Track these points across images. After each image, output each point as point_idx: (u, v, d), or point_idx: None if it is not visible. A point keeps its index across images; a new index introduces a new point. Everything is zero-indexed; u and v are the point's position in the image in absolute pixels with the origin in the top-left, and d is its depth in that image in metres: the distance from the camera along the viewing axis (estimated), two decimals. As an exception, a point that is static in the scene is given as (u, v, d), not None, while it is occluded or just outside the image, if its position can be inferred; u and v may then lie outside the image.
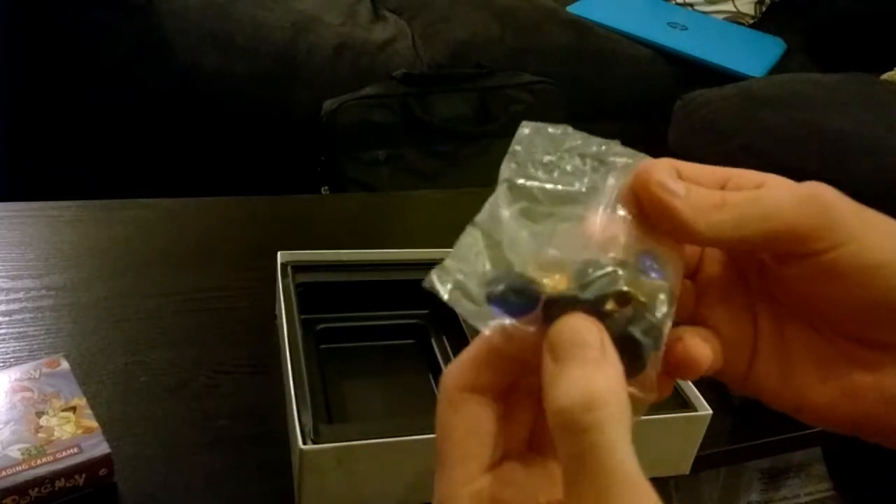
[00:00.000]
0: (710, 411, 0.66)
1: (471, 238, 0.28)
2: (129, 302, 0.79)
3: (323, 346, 0.73)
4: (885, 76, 1.68)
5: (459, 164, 1.63)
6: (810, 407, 0.31)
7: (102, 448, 0.58)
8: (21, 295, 0.77)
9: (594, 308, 0.26)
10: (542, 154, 0.29)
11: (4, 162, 1.45)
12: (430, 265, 0.27)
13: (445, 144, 1.62)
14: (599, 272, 0.26)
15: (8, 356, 0.70)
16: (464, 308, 0.27)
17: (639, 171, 0.28)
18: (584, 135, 0.29)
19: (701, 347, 0.29)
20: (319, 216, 1.05)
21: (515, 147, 0.29)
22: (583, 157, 0.29)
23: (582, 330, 0.25)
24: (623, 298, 0.26)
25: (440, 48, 1.72)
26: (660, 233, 0.28)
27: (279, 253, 0.76)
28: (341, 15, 1.71)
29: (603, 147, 0.29)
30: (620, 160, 0.29)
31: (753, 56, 1.93)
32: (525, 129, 0.29)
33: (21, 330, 0.73)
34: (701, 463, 0.70)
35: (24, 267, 0.82)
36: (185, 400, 0.69)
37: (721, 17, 2.13)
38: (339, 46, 1.62)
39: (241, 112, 1.56)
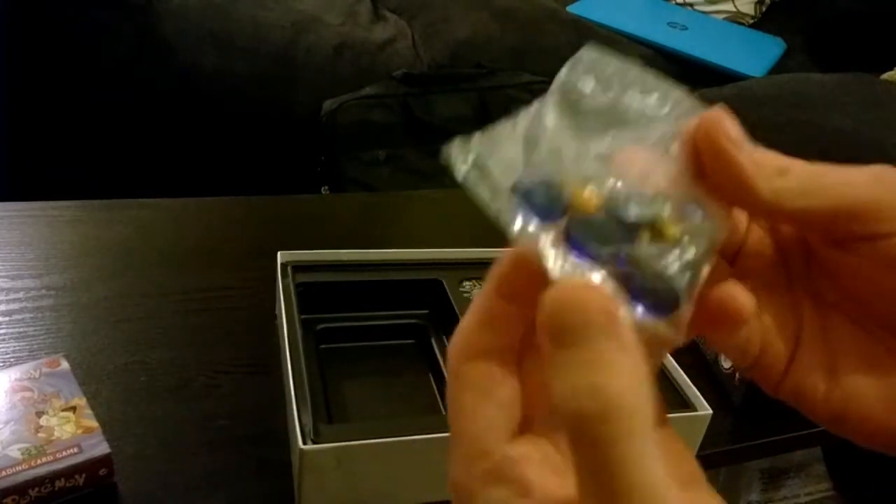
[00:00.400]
0: (710, 411, 0.66)
1: (510, 128, 0.25)
2: (129, 302, 0.79)
3: (323, 346, 0.73)
4: (885, 76, 1.68)
5: (459, 164, 1.63)
6: (858, 414, 0.28)
7: (102, 448, 0.58)
8: (21, 295, 0.77)
9: (624, 235, 0.23)
10: (605, 74, 0.26)
11: (4, 162, 1.45)
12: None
13: (445, 144, 1.62)
14: (637, 198, 0.24)
15: (8, 356, 0.70)
16: (479, 191, 0.24)
17: (705, 116, 0.25)
18: (652, 75, 0.27)
19: (742, 293, 0.26)
20: (319, 216, 1.05)
21: (579, 57, 0.26)
22: (647, 92, 0.26)
23: (590, 308, 0.21)
24: (658, 230, 0.23)
25: (440, 48, 1.72)
26: (712, 189, 0.25)
27: (279, 253, 0.76)
28: (341, 15, 1.71)
29: (670, 92, 0.26)
30: (686, 103, 0.26)
31: (753, 56, 1.93)
32: (588, 52, 0.27)
33: (21, 330, 0.73)
34: (701, 463, 0.70)
35: (24, 267, 0.82)
36: (185, 400, 0.69)
37: (721, 17, 2.13)
38: (339, 46, 1.62)
39: (241, 112, 1.56)
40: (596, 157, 0.24)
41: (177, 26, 1.52)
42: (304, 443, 0.56)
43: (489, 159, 0.24)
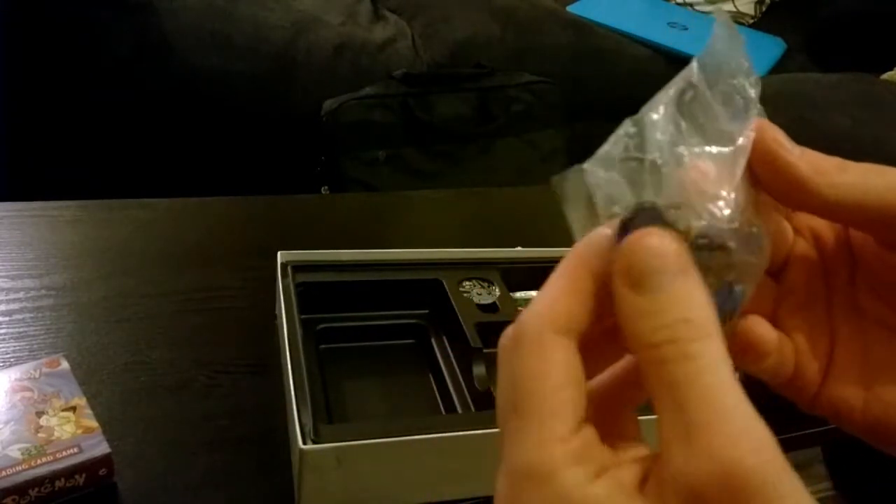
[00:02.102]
0: (710, 411, 0.66)
1: (619, 148, 0.25)
2: (129, 302, 0.79)
3: (323, 346, 0.73)
4: (885, 76, 1.68)
5: (459, 164, 1.63)
6: None
7: (102, 448, 0.58)
8: (21, 295, 0.77)
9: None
10: (726, 74, 0.26)
11: (4, 162, 1.45)
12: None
13: (445, 144, 1.62)
14: (710, 233, 0.24)
15: (8, 356, 0.70)
16: (578, 226, 0.24)
17: (754, 129, 0.26)
18: (752, 76, 0.27)
19: (764, 327, 0.27)
20: (319, 216, 1.05)
21: (715, 48, 0.26)
22: (740, 97, 0.26)
23: (667, 251, 0.22)
24: (719, 270, 0.24)
25: (440, 48, 1.72)
26: (768, 200, 0.26)
27: (279, 253, 0.76)
28: (341, 15, 1.71)
29: (753, 111, 0.27)
30: (754, 117, 0.26)
31: (753, 56, 1.91)
32: (722, 30, 0.27)
33: (21, 330, 0.73)
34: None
35: (24, 267, 0.82)
36: (185, 400, 0.69)
37: (721, 17, 2.13)
38: (339, 46, 1.62)
39: (240, 112, 1.56)
40: (677, 178, 0.24)
41: (177, 26, 1.52)
42: (304, 443, 0.56)
43: (597, 191, 0.24)
